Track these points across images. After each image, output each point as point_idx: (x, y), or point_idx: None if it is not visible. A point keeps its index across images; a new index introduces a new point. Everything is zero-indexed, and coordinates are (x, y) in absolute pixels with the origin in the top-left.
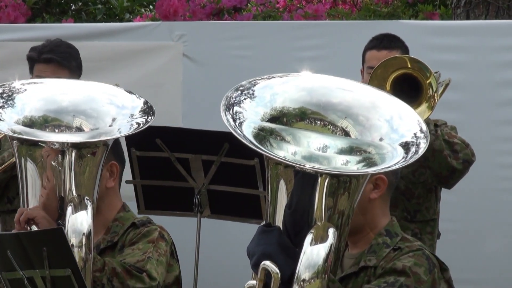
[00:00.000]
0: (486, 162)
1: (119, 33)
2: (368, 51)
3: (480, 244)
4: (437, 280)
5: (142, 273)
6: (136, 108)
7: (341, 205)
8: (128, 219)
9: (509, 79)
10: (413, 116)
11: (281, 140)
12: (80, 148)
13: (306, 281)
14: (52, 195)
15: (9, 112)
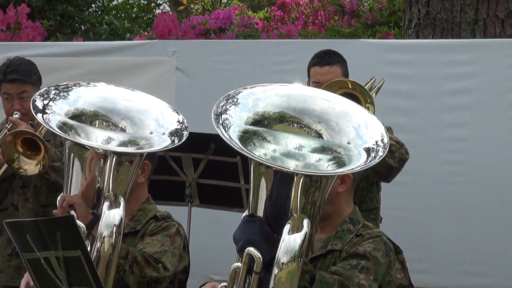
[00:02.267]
0: (435, 159)
1: (121, 50)
2: (312, 67)
3: (429, 228)
4: (392, 261)
5: (158, 263)
6: (169, 129)
7: (314, 198)
8: (151, 210)
9: (451, 88)
10: (378, 127)
11: (263, 140)
12: (120, 155)
13: (285, 264)
14: (91, 187)
15: (61, 103)
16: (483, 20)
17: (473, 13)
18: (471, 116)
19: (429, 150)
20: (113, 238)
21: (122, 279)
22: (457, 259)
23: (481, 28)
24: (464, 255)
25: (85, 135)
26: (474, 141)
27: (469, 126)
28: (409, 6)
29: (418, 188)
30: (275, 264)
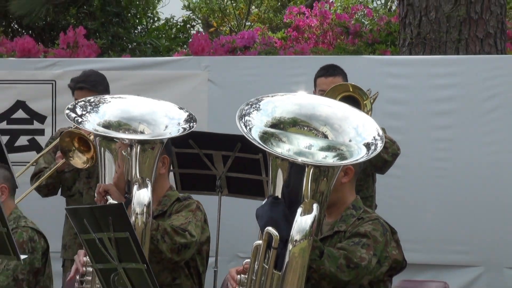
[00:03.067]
0: (424, 156)
1: (162, 65)
2: (318, 78)
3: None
4: (388, 240)
5: (185, 232)
6: (182, 118)
7: (322, 187)
8: (174, 195)
9: (438, 97)
10: (373, 125)
11: (279, 140)
12: (144, 144)
13: (297, 241)
14: (121, 176)
15: (93, 116)
16: (465, 40)
17: (457, 34)
18: (454, 120)
19: (419, 148)
20: (144, 213)
21: (157, 247)
22: (441, 240)
23: (463, 46)
24: (447, 236)
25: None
26: (457, 141)
27: (453, 128)
28: (403, 27)
29: (409, 180)
30: (290, 241)
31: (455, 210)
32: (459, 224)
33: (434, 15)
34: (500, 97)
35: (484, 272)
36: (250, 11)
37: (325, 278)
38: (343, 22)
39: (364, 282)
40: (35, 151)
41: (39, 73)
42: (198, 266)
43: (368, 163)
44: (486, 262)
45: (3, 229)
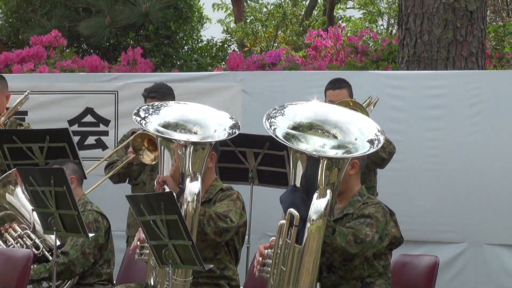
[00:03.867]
0: (418, 152)
1: (204, 78)
2: (327, 90)
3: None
4: (388, 220)
5: (226, 218)
6: (228, 125)
7: (333, 177)
8: (218, 185)
9: (430, 104)
10: (373, 125)
11: (299, 140)
12: (196, 144)
13: (314, 220)
14: (177, 170)
15: (155, 117)
16: (452, 58)
17: (445, 53)
18: (443, 123)
19: (414, 146)
20: (194, 202)
21: (203, 230)
22: (431, 220)
23: (451, 63)
24: (436, 218)
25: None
26: (445, 141)
27: (442, 130)
28: (402, 48)
29: (406, 173)
30: (308, 220)
31: (443, 196)
32: (447, 207)
33: (427, 38)
34: (480, 105)
35: (467, 247)
36: (277, 35)
37: (336, 251)
38: (353, 43)
39: (368, 254)
40: (100, 148)
41: (104, 85)
42: (236, 244)
43: (369, 160)
44: (469, 239)
45: (75, 212)
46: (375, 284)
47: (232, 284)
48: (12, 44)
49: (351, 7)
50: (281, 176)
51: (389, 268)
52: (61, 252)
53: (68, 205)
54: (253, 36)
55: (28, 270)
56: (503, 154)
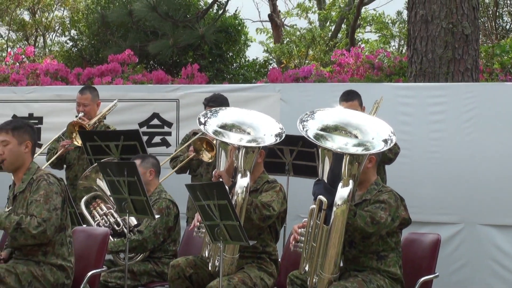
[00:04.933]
0: (422, 150)
1: (249, 89)
2: (340, 102)
3: (418, 188)
4: (399, 205)
5: (269, 207)
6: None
7: (354, 170)
8: (265, 178)
9: (433, 111)
10: (387, 127)
11: (326, 140)
12: (247, 147)
13: (339, 205)
14: (231, 166)
15: (213, 119)
16: (451, 73)
17: (446, 68)
18: (444, 126)
19: (419, 145)
20: (243, 194)
21: (249, 216)
22: (434, 205)
23: (450, 77)
24: (438, 203)
25: (227, 136)
26: (445, 140)
27: (442, 131)
28: (410, 64)
29: (412, 166)
30: (334, 205)
31: (443, 185)
32: (446, 194)
33: (431, 56)
34: (474, 111)
35: (463, 227)
36: (308, 53)
37: (357, 230)
38: (370, 61)
39: (383, 233)
40: (164, 146)
41: (168, 94)
42: (277, 226)
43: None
44: (465, 220)
45: (144, 198)
46: (388, 257)
47: (272, 258)
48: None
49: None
50: (312, 169)
51: (399, 244)
52: (137, 230)
53: (138, 192)
54: (288, 55)
55: (106, 245)
56: (492, 151)
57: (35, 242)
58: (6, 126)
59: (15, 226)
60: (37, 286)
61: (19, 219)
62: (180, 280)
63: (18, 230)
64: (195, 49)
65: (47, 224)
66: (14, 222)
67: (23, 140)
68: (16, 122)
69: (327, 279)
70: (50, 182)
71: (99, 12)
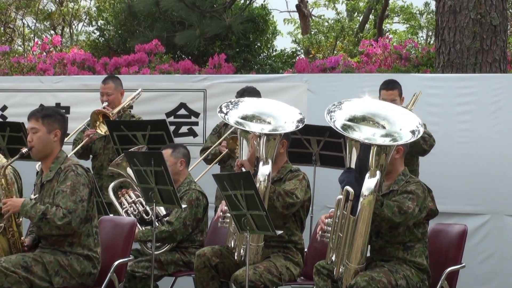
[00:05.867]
0: (451, 141)
1: (277, 79)
2: (381, 90)
3: (446, 179)
4: (426, 196)
5: (293, 195)
6: (296, 118)
7: (382, 160)
8: (288, 167)
9: (461, 101)
10: (415, 118)
11: (354, 130)
12: (268, 135)
13: (366, 196)
14: (252, 155)
15: (234, 111)
16: (479, 63)
17: (474, 59)
18: (471, 117)
19: (448, 135)
20: (265, 182)
21: (273, 204)
22: (461, 196)
23: (478, 68)
24: (465, 194)
25: (248, 126)
26: (473, 131)
27: (470, 122)
28: (438, 55)
29: (441, 157)
30: (361, 195)
31: (471, 176)
32: (473, 184)
33: (459, 47)
34: (502, 102)
35: (490, 218)
36: (336, 44)
37: (384, 220)
38: (398, 51)
39: (410, 223)
40: (192, 136)
41: (195, 84)
42: (301, 215)
43: (413, 149)
44: (491, 211)
45: (170, 187)
46: (414, 247)
47: (298, 247)
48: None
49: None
50: (338, 159)
51: (426, 235)
52: (167, 221)
53: (165, 181)
54: (316, 45)
55: (133, 235)
56: None
57: (60, 233)
58: (36, 113)
59: (40, 216)
60: (64, 275)
61: (45, 209)
62: (206, 269)
63: (43, 220)
64: (222, 39)
65: (73, 216)
66: (40, 212)
67: (52, 128)
68: (47, 110)
69: (353, 269)
70: (78, 173)
71: (126, 2)
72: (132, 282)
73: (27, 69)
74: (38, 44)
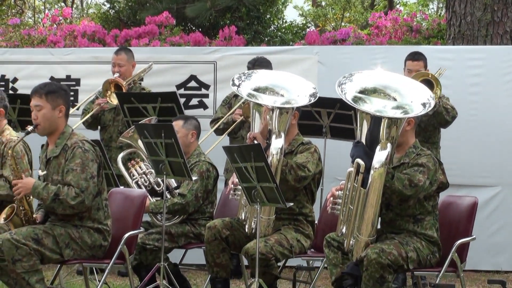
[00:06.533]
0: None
1: (287, 51)
2: (407, 60)
3: (458, 150)
4: (437, 168)
5: (304, 168)
6: (309, 92)
7: (393, 132)
8: (300, 140)
9: (472, 73)
10: (427, 91)
11: (364, 102)
12: (281, 108)
13: (377, 168)
14: (265, 128)
15: (247, 83)
16: (490, 35)
17: (485, 31)
18: (482, 88)
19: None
20: (278, 155)
21: (285, 178)
22: (472, 168)
23: (489, 40)
24: (476, 166)
25: (260, 98)
26: (483, 103)
27: (480, 94)
28: (449, 27)
29: (451, 130)
30: (372, 168)
31: (481, 148)
32: (484, 156)
33: (470, 19)
34: None
35: (501, 190)
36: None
37: (394, 193)
38: (408, 23)
39: (420, 196)
40: (202, 108)
41: (205, 57)
42: (312, 187)
43: (435, 121)
44: (502, 183)
45: (181, 159)
46: (424, 220)
47: (309, 219)
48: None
49: None
50: (349, 131)
51: (436, 207)
52: (179, 194)
53: (175, 153)
54: (323, 18)
55: (143, 207)
56: None
57: (74, 212)
58: (39, 90)
59: (53, 197)
60: (75, 248)
61: (57, 190)
62: (217, 241)
63: (56, 201)
64: (233, 11)
65: (85, 194)
66: (52, 193)
67: (56, 104)
68: (50, 86)
69: (364, 241)
70: (85, 149)
71: None
72: (142, 254)
73: (37, 42)
74: (49, 16)
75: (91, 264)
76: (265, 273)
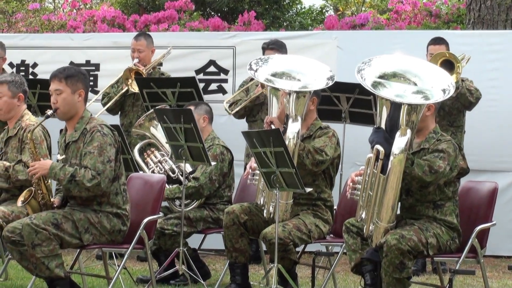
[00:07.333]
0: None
1: (306, 36)
2: (429, 45)
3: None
4: (457, 154)
5: (322, 152)
6: (326, 75)
7: (413, 118)
8: (318, 124)
9: (491, 58)
10: (448, 76)
11: (384, 87)
12: (298, 92)
13: (396, 154)
14: (282, 112)
15: (264, 68)
16: (510, 20)
17: (505, 16)
18: (501, 73)
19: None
20: (294, 139)
21: (302, 162)
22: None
23: (509, 24)
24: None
25: (278, 83)
26: (502, 88)
27: (500, 79)
28: (469, 11)
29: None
30: (391, 154)
31: (501, 133)
32: (504, 141)
33: (489, 3)
34: None
35: None
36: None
37: (414, 179)
38: (428, 8)
39: (440, 182)
40: (221, 93)
41: (224, 41)
42: (331, 172)
43: (459, 103)
44: None
45: (200, 144)
46: (444, 206)
47: (327, 204)
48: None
49: None
50: (368, 116)
51: (457, 193)
52: (193, 177)
53: (194, 139)
54: (345, 2)
55: (162, 192)
56: None
57: (89, 195)
58: (59, 74)
59: (69, 178)
60: (94, 233)
61: (74, 171)
62: (235, 226)
63: (72, 182)
64: None
65: (101, 177)
66: (69, 174)
67: (76, 88)
68: (69, 70)
69: (383, 228)
70: (104, 133)
71: None
72: (161, 239)
73: (57, 27)
74: (69, 1)
75: (110, 249)
76: (283, 258)
